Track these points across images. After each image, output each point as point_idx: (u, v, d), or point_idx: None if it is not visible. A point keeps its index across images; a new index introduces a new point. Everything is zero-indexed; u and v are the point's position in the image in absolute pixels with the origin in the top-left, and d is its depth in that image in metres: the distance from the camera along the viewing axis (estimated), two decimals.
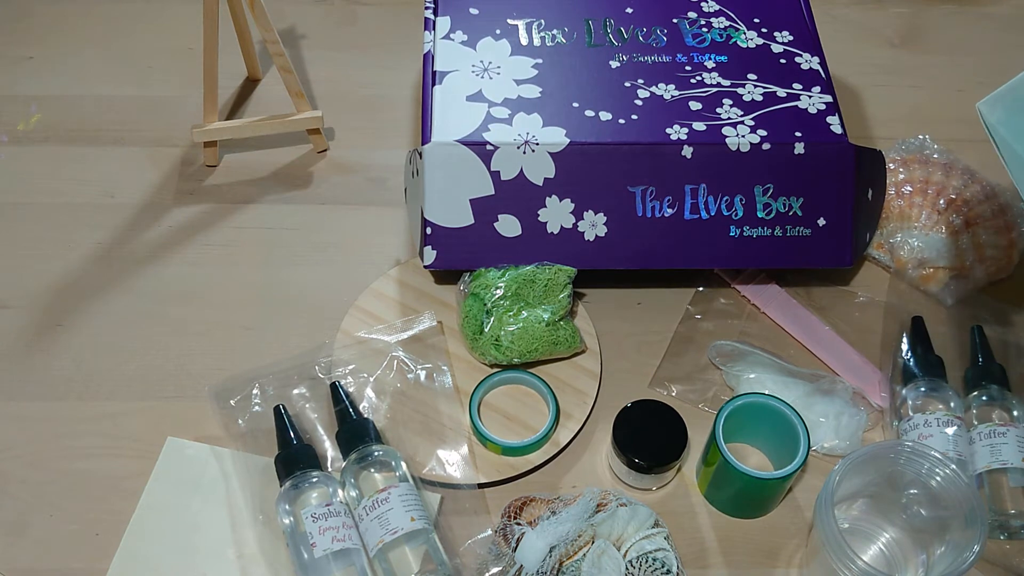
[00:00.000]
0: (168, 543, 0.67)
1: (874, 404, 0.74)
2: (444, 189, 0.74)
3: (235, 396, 0.72)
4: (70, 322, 0.79)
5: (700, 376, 0.76)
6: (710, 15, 0.85)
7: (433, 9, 0.84)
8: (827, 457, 0.72)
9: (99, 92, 0.95)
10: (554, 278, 0.74)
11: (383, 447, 0.68)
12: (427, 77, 0.79)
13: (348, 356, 0.75)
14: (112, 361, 0.77)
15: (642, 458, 0.67)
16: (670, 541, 0.63)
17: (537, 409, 0.73)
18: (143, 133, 0.92)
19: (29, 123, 0.92)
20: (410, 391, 0.74)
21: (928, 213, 0.82)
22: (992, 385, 0.72)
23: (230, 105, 0.94)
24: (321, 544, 0.63)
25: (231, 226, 0.85)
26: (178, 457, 0.71)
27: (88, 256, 0.83)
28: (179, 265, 0.83)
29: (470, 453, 0.71)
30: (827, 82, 0.80)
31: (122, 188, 0.88)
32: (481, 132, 0.75)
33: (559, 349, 0.74)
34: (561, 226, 0.76)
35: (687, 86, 0.79)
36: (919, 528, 0.66)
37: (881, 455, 0.63)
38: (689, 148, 0.74)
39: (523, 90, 0.78)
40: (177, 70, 0.97)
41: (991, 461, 0.68)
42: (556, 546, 0.61)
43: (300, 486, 0.66)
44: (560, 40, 0.82)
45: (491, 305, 0.73)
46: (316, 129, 0.89)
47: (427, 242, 0.75)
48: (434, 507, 0.69)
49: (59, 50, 0.98)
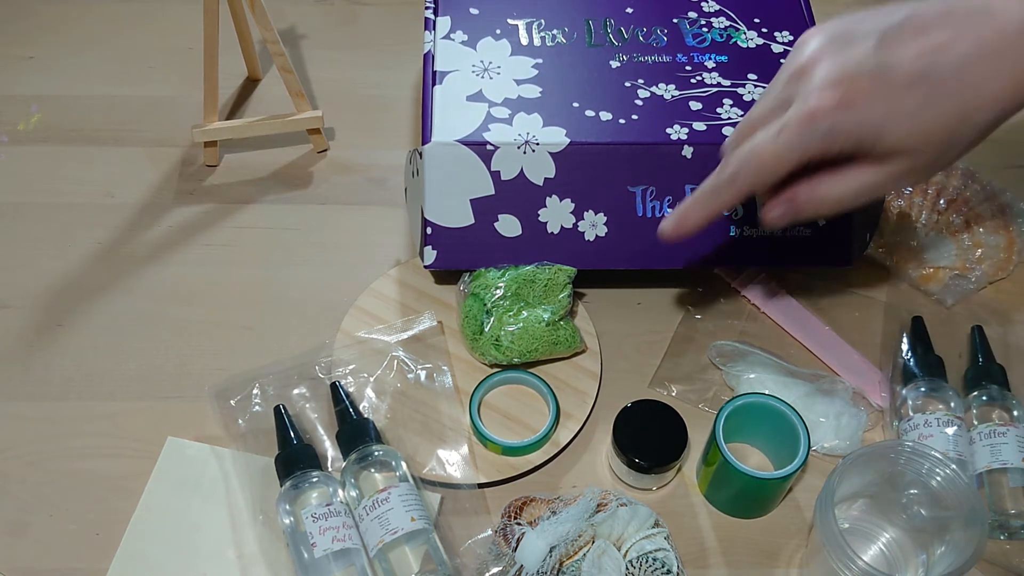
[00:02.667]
0: (168, 543, 0.67)
1: (874, 404, 0.74)
2: (444, 189, 0.74)
3: (235, 396, 0.72)
4: (70, 322, 0.79)
5: (700, 376, 0.76)
6: (710, 15, 0.85)
7: (433, 9, 0.84)
8: (827, 457, 0.72)
9: (99, 92, 0.95)
10: (554, 278, 0.74)
11: (383, 447, 0.68)
12: (427, 77, 0.79)
13: (348, 356, 0.75)
14: (112, 361, 0.77)
15: (642, 458, 0.67)
16: (670, 541, 0.63)
17: (537, 409, 0.73)
18: (143, 133, 0.92)
19: (29, 123, 0.92)
20: (410, 391, 0.74)
21: (928, 213, 0.82)
22: (992, 385, 0.72)
23: (230, 105, 0.95)
24: (321, 544, 0.63)
25: (231, 226, 0.85)
26: (178, 457, 0.71)
27: (88, 256, 0.83)
28: (179, 265, 0.83)
29: (470, 453, 0.71)
30: None
31: (122, 188, 0.88)
32: (481, 132, 0.75)
33: (559, 349, 0.74)
34: (561, 226, 0.76)
35: (687, 86, 0.79)
36: (919, 528, 0.66)
37: (881, 455, 0.63)
38: (689, 148, 0.75)
39: (523, 90, 0.78)
40: (177, 70, 0.97)
41: (991, 461, 0.68)
42: (556, 546, 0.61)
43: (300, 486, 0.66)
44: (560, 40, 0.83)
45: (491, 305, 0.73)
46: (316, 129, 0.89)
47: (427, 242, 0.75)
48: (434, 507, 0.69)
49: (59, 50, 0.98)
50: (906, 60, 0.54)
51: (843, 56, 0.55)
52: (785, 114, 0.56)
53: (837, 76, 0.55)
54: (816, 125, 0.55)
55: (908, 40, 0.54)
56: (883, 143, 0.55)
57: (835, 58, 0.55)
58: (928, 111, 0.54)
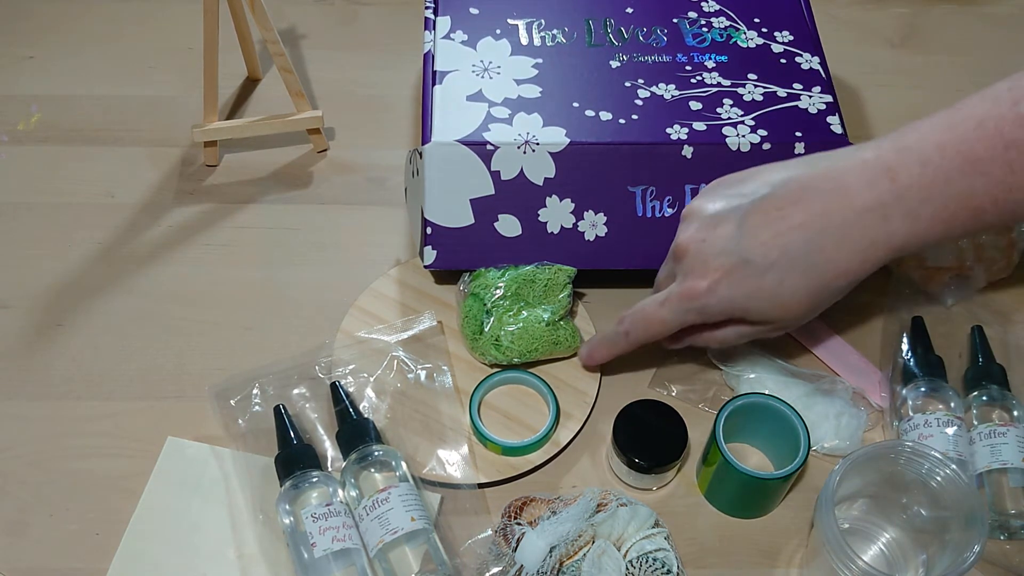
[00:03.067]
0: (168, 543, 0.67)
1: (874, 404, 0.74)
2: (444, 189, 0.74)
3: (235, 396, 0.72)
4: (70, 322, 0.79)
5: (700, 376, 0.76)
6: (710, 15, 0.85)
7: (433, 9, 0.84)
8: (827, 457, 0.72)
9: (99, 92, 0.95)
10: (554, 278, 0.74)
11: (383, 447, 0.68)
12: (427, 77, 0.79)
13: (348, 356, 0.75)
14: (112, 361, 0.77)
15: (642, 458, 0.67)
16: (670, 541, 0.63)
17: (537, 409, 0.73)
18: (143, 133, 0.92)
19: (29, 123, 0.92)
20: (410, 391, 0.74)
21: None
22: (992, 385, 0.72)
23: (230, 105, 0.94)
24: (321, 544, 0.63)
25: (231, 226, 0.85)
26: (178, 457, 0.71)
27: (88, 256, 0.83)
28: (179, 265, 0.83)
29: (470, 453, 0.71)
30: (827, 82, 0.80)
31: (122, 188, 0.88)
32: (481, 132, 0.75)
33: (559, 349, 0.74)
34: (561, 226, 0.76)
35: (687, 86, 0.79)
36: (919, 528, 0.66)
37: (881, 455, 0.63)
38: (689, 148, 0.75)
39: (523, 90, 0.78)
40: (177, 70, 0.97)
41: (991, 461, 0.68)
42: (556, 546, 0.61)
43: (300, 486, 0.66)
44: (560, 40, 0.83)
45: (491, 305, 0.73)
46: (316, 129, 0.89)
47: (427, 242, 0.75)
48: (434, 507, 0.69)
49: (59, 50, 0.98)
50: (763, 245, 0.60)
51: (710, 242, 0.63)
52: (669, 286, 0.66)
53: (703, 264, 0.63)
54: (690, 304, 0.64)
55: (766, 222, 0.61)
56: (750, 316, 0.64)
57: (704, 246, 0.63)
58: (785, 289, 0.61)
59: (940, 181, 0.56)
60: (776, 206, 0.61)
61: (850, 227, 0.58)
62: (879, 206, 0.58)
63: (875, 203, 0.58)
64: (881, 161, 0.59)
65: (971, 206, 0.56)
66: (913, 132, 0.59)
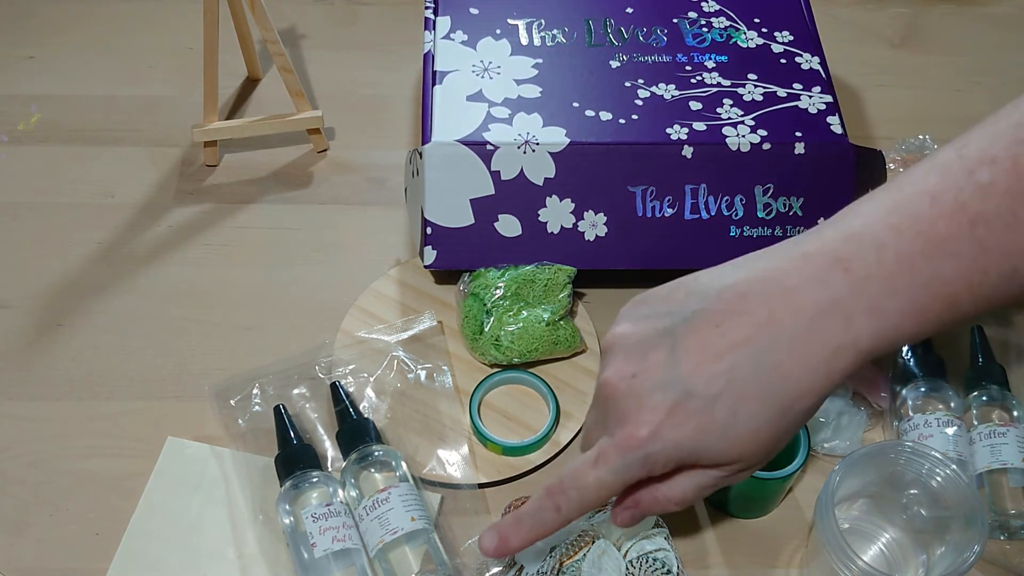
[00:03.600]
0: (168, 543, 0.67)
1: (874, 404, 0.74)
2: (444, 189, 0.74)
3: (235, 396, 0.72)
4: (70, 322, 0.79)
5: None
6: (710, 15, 0.85)
7: (433, 9, 0.84)
8: (827, 457, 0.72)
9: (99, 92, 0.95)
10: (554, 278, 0.74)
11: (383, 447, 0.68)
12: (427, 77, 0.79)
13: (348, 356, 0.75)
14: (112, 361, 0.77)
15: None
16: (670, 541, 0.63)
17: (537, 409, 0.73)
18: (143, 133, 0.92)
19: (29, 123, 0.92)
20: (410, 391, 0.74)
21: None
22: (992, 385, 0.71)
23: (230, 105, 0.95)
24: (321, 544, 0.63)
25: (231, 226, 0.85)
26: (178, 457, 0.71)
27: (88, 256, 0.83)
28: (179, 265, 0.83)
29: (470, 453, 0.71)
30: (827, 82, 0.80)
31: (122, 188, 0.88)
32: (481, 132, 0.75)
33: (559, 349, 0.74)
34: (561, 226, 0.76)
35: (687, 86, 0.79)
36: (919, 528, 0.66)
37: (881, 455, 0.63)
38: (689, 148, 0.75)
39: (523, 90, 0.78)
40: (177, 70, 0.97)
41: (991, 461, 0.68)
42: (556, 546, 0.61)
43: (300, 486, 0.66)
44: (560, 40, 0.83)
45: (491, 305, 0.73)
46: (316, 129, 0.89)
47: (427, 242, 0.75)
48: (434, 507, 0.69)
49: (59, 50, 0.98)
50: (705, 371, 0.48)
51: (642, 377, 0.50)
52: (600, 439, 0.52)
53: (637, 406, 0.50)
54: (630, 455, 0.50)
55: (704, 343, 0.49)
56: (704, 459, 0.50)
57: (635, 382, 0.50)
58: (740, 421, 0.49)
59: (904, 268, 0.46)
60: (714, 322, 0.49)
61: (805, 335, 0.47)
62: (835, 306, 0.47)
63: (830, 303, 0.47)
64: (828, 253, 0.48)
65: (944, 295, 0.46)
66: (855, 217, 0.48)
